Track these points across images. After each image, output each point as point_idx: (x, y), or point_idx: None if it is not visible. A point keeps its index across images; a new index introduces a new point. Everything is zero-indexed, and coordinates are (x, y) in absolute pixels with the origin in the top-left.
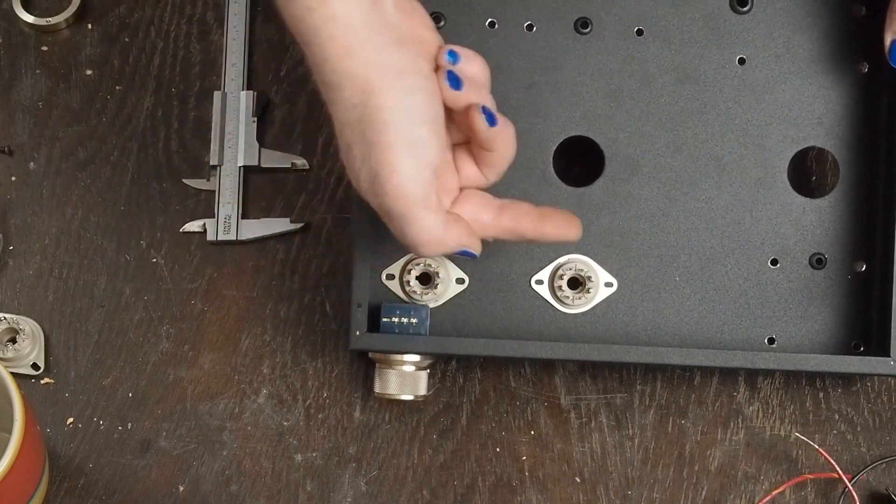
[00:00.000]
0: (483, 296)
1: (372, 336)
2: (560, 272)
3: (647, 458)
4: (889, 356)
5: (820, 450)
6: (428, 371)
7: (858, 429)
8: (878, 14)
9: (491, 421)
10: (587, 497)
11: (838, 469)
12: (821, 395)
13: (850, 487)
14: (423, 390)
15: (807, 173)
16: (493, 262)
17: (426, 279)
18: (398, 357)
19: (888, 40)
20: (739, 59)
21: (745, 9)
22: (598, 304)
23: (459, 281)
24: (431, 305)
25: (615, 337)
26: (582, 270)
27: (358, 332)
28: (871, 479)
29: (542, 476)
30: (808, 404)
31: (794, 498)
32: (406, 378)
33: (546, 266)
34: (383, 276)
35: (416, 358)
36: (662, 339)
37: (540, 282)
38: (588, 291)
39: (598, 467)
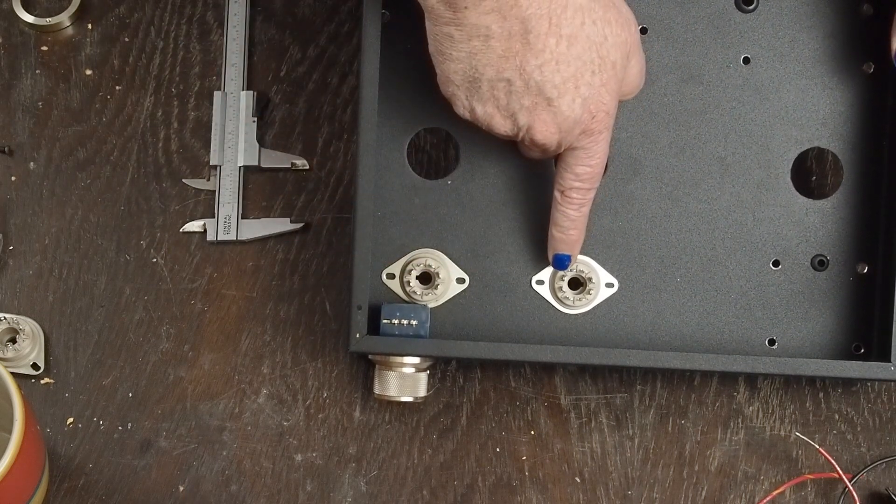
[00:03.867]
0: (484, 296)
1: (372, 338)
2: (561, 272)
3: (647, 458)
4: (890, 361)
5: (820, 449)
6: (428, 372)
7: (858, 429)
8: (884, 14)
9: (491, 421)
10: (587, 497)
11: (838, 469)
12: (821, 395)
13: (851, 487)
14: (422, 392)
15: (807, 173)
16: (494, 263)
17: (426, 279)
18: (398, 359)
19: (895, 44)
20: (744, 58)
21: (751, 7)
22: (598, 305)
23: (460, 281)
24: (432, 305)
25: (616, 337)
26: (583, 271)
27: (358, 335)
28: (871, 479)
29: (542, 476)
30: (808, 404)
31: (794, 498)
32: (406, 380)
33: (547, 266)
34: (383, 276)
35: (416, 360)
36: (663, 340)
37: (541, 282)
38: (589, 292)
39: (598, 467)
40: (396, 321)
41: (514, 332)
